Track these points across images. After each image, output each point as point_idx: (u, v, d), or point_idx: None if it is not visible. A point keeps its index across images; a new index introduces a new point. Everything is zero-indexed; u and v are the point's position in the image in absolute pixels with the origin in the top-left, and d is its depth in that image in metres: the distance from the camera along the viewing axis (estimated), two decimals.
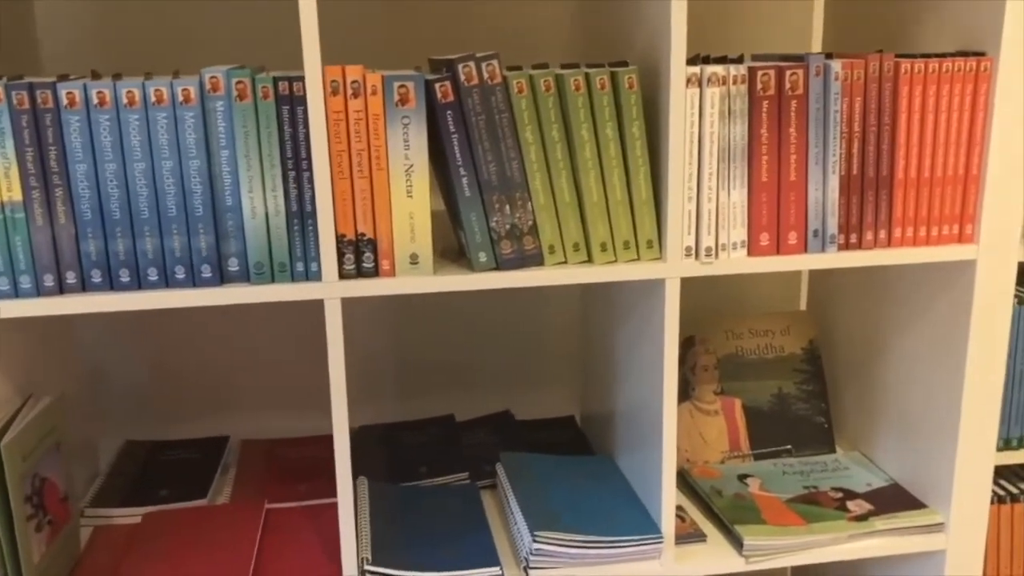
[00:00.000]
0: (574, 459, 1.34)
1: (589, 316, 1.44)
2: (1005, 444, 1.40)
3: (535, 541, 1.09)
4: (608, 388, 1.34)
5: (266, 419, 1.50)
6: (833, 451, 1.41)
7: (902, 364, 1.27)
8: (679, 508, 1.26)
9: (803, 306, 1.58)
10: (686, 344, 1.41)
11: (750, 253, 1.06)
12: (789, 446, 1.40)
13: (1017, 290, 1.37)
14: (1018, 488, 1.46)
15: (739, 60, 1.07)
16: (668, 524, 1.13)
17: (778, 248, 1.07)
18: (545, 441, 1.48)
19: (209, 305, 0.97)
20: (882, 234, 1.08)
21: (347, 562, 1.07)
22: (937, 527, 1.20)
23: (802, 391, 1.42)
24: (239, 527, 1.19)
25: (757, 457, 1.39)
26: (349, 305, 1.47)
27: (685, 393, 1.39)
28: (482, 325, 1.52)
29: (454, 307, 1.50)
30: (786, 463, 1.37)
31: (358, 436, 1.48)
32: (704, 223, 1.04)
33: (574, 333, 1.54)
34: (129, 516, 1.25)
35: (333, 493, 1.06)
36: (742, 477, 1.32)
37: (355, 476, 1.27)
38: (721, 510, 1.22)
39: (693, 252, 1.05)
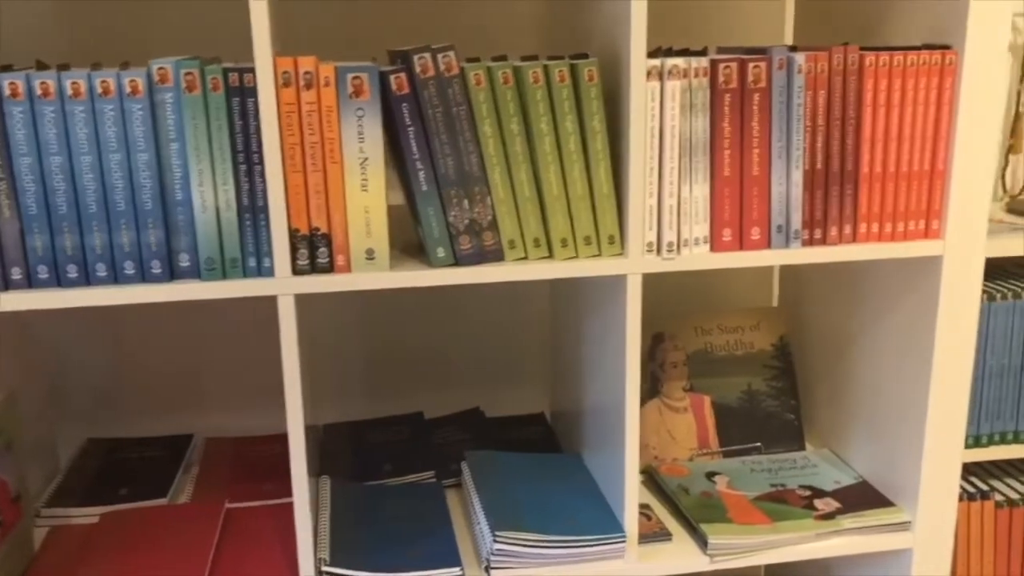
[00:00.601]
0: (541, 457, 1.32)
1: (558, 312, 1.42)
2: (975, 441, 1.39)
3: (496, 541, 1.07)
4: (575, 385, 1.32)
5: (233, 416, 1.47)
6: (803, 448, 1.40)
7: (871, 360, 1.26)
8: (646, 507, 1.25)
9: (775, 302, 1.57)
10: (655, 340, 1.39)
11: (713, 249, 1.05)
12: (758, 443, 1.38)
13: (986, 285, 1.36)
14: (988, 485, 1.45)
15: (702, 53, 1.05)
16: (631, 523, 1.11)
17: (741, 244, 1.05)
18: (514, 439, 1.46)
19: (163, 301, 0.95)
20: (847, 229, 1.07)
21: (304, 563, 1.05)
22: (904, 525, 1.19)
23: (772, 388, 1.41)
24: (198, 527, 1.17)
25: (726, 454, 1.38)
26: (317, 301, 1.44)
27: (654, 390, 1.38)
28: (453, 321, 1.50)
29: (425, 303, 1.49)
30: (755, 461, 1.35)
31: (325, 434, 1.46)
32: (666, 218, 1.02)
33: (545, 329, 1.52)
34: (87, 516, 1.23)
35: None
36: (710, 475, 1.31)
37: (320, 475, 1.26)
38: (687, 509, 1.21)
39: (655, 247, 1.03)
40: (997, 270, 1.45)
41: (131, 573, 1.08)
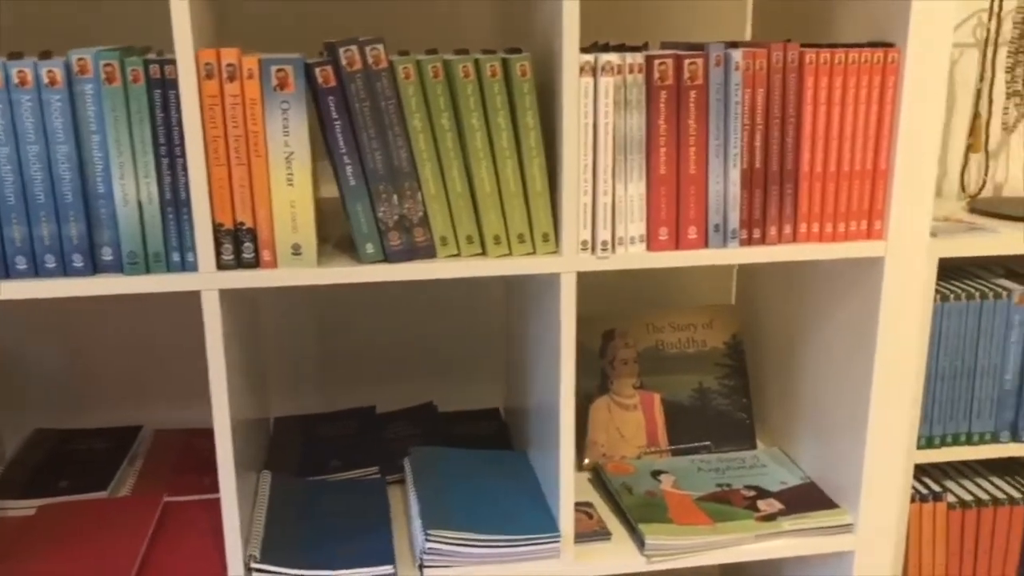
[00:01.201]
0: (487, 454, 1.31)
1: (511, 307, 1.41)
2: (927, 442, 1.38)
3: (427, 540, 1.06)
4: (523, 381, 1.31)
5: (185, 408, 1.46)
6: (754, 447, 1.39)
7: (819, 361, 1.25)
8: (588, 505, 1.24)
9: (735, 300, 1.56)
10: (606, 338, 1.38)
11: (649, 248, 1.04)
12: (708, 442, 1.37)
13: (939, 286, 1.34)
14: (942, 486, 1.44)
15: (642, 48, 1.03)
16: (567, 523, 1.10)
17: (678, 243, 1.04)
18: (466, 434, 1.45)
19: (88, 295, 0.94)
20: (787, 229, 1.05)
21: (232, 561, 1.04)
22: (846, 528, 1.18)
23: (723, 386, 1.40)
24: (133, 521, 1.16)
25: (675, 453, 1.37)
26: (270, 294, 1.43)
27: (604, 387, 1.37)
28: (410, 314, 1.49)
29: (382, 296, 1.47)
30: (703, 459, 1.34)
31: (275, 428, 1.45)
32: (600, 216, 1.01)
33: (502, 323, 1.51)
34: (26, 508, 1.22)
35: None
36: (656, 473, 1.30)
37: (264, 469, 1.25)
38: (628, 508, 1.20)
39: (589, 246, 1.02)
40: (955, 270, 1.44)
41: (60, 567, 1.07)
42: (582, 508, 1.22)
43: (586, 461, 1.34)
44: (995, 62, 1.42)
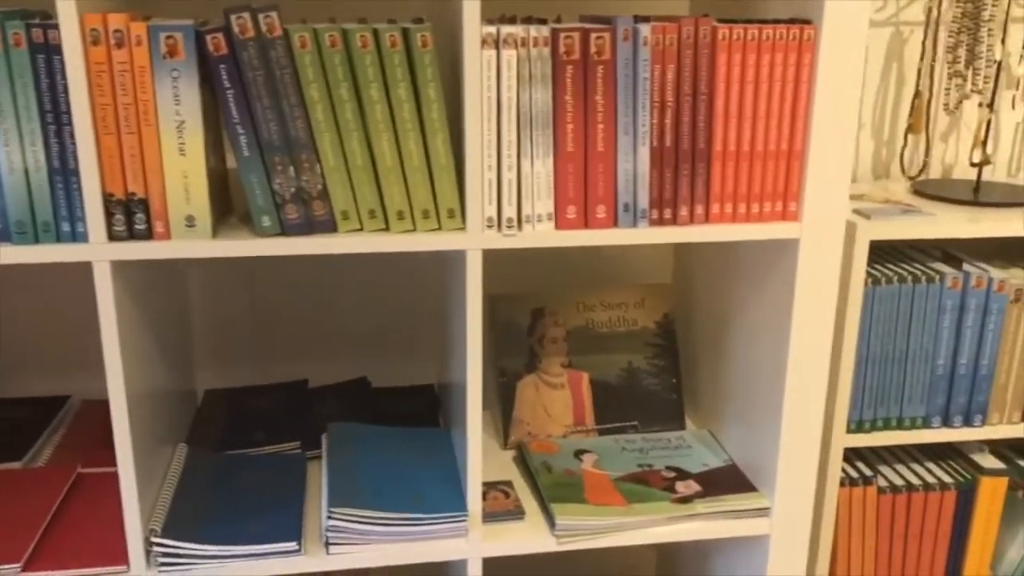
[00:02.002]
0: (409, 432, 1.30)
1: (444, 282, 1.39)
2: (858, 427, 1.37)
3: (330, 518, 1.05)
4: (447, 358, 1.30)
5: None
6: (683, 428, 1.38)
7: (744, 342, 1.23)
8: (507, 484, 1.23)
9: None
10: (535, 316, 1.36)
11: (557, 226, 1.02)
12: (635, 422, 1.36)
13: (871, 269, 1.33)
14: (874, 470, 1.43)
15: (549, 21, 1.01)
16: (474, 502, 1.09)
17: (586, 222, 1.02)
18: (397, 411, 1.44)
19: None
20: (699, 210, 1.03)
21: (131, 536, 1.03)
22: (762, 512, 1.17)
23: (654, 366, 1.38)
24: (42, 492, 1.15)
25: (602, 432, 1.36)
26: (204, 266, 1.41)
27: (532, 365, 1.35)
28: (346, 287, 1.47)
29: (317, 268, 1.45)
30: (629, 439, 1.33)
31: (204, 400, 1.44)
32: (505, 193, 0.99)
33: (439, 299, 1.49)
34: None
35: None
36: (579, 453, 1.29)
37: (186, 442, 1.24)
38: (544, 487, 1.19)
39: (495, 223, 1.00)
40: (893, 252, 1.42)
41: None
42: (500, 487, 1.22)
43: (512, 439, 1.33)
44: (936, 42, 1.39)
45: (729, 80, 0.99)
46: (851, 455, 1.45)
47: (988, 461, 1.45)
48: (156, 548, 1.03)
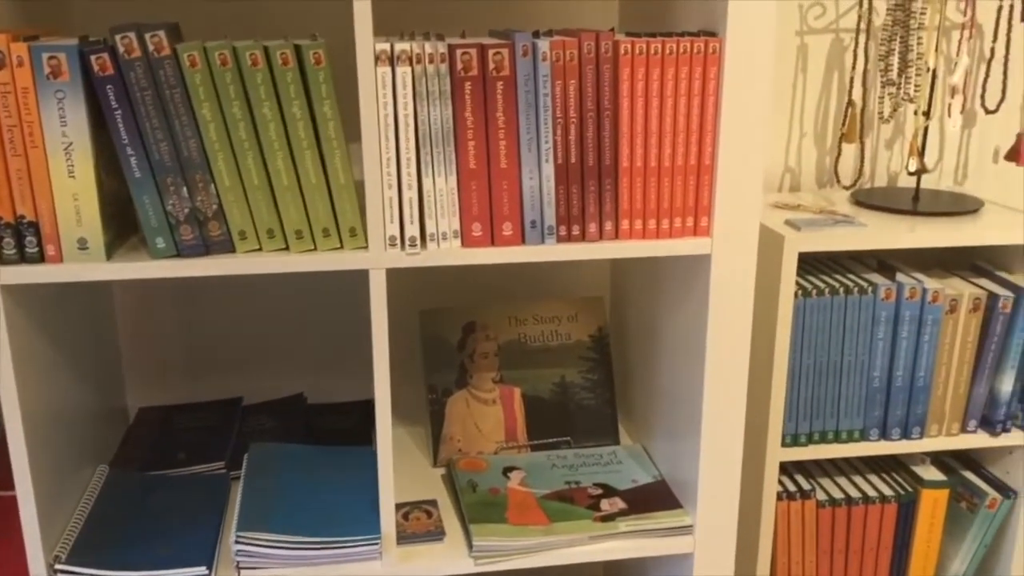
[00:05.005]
0: (333, 451, 1.28)
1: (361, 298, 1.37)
2: (793, 440, 1.35)
3: (237, 542, 1.04)
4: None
5: None
6: (617, 443, 1.36)
7: (667, 356, 1.22)
8: (431, 503, 1.21)
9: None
10: (466, 330, 1.35)
11: (463, 244, 1.00)
12: (568, 437, 1.35)
13: (802, 280, 1.31)
14: (812, 484, 1.41)
15: (461, 38, 0.99)
16: (387, 523, 1.07)
17: (493, 239, 1.00)
18: (331, 427, 1.42)
19: None
20: (608, 226, 1.02)
21: (33, 562, 1.01)
22: (685, 529, 1.15)
23: (587, 380, 1.36)
24: None
25: (534, 448, 1.34)
26: (131, 283, 1.40)
27: (462, 381, 1.34)
28: (287, 305, 1.45)
29: (255, 287, 1.44)
30: (560, 455, 1.32)
31: (137, 418, 1.42)
32: (407, 211, 0.97)
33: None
34: None
35: None
36: (507, 470, 1.27)
37: (117, 462, 1.23)
38: (467, 506, 1.17)
39: (398, 241, 0.98)
40: (828, 263, 1.40)
41: None
42: (424, 506, 1.20)
43: (441, 456, 1.32)
44: (867, 50, 1.38)
45: (633, 95, 0.98)
46: (791, 468, 1.44)
47: (929, 473, 1.43)
48: (60, 574, 1.01)
